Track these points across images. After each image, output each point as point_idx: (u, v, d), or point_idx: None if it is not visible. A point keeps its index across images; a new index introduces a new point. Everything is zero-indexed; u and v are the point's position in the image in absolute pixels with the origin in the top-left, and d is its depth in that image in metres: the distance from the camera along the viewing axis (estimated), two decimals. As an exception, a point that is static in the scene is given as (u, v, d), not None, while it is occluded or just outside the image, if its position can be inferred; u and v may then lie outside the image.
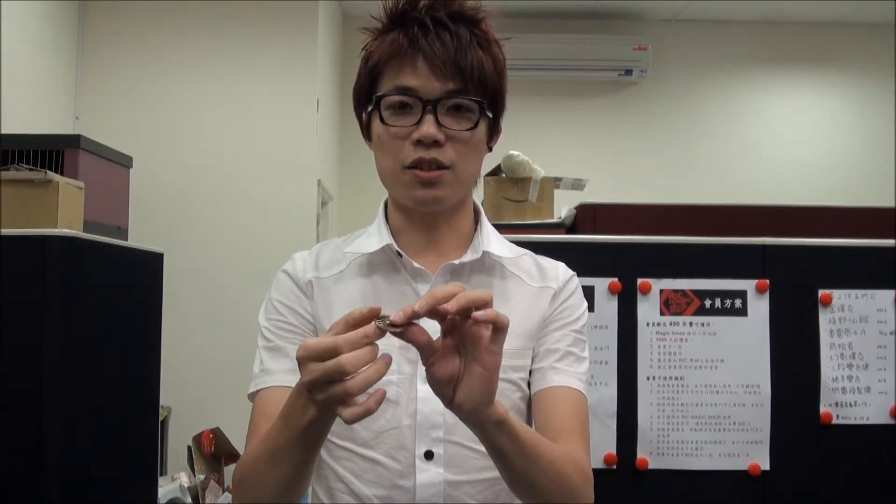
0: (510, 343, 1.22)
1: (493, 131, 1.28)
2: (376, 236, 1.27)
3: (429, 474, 1.19)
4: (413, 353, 1.20)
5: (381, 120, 1.21)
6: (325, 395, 0.97)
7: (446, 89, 1.17)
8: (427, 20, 1.18)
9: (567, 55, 5.35)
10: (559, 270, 1.34)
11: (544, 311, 1.29)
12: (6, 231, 2.00)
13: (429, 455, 1.20)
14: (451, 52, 1.17)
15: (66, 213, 2.25)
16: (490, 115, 1.23)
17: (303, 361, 0.98)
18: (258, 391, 1.25)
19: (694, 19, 5.55)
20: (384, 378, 1.18)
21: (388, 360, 0.97)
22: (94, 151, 2.98)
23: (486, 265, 1.28)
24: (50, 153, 2.77)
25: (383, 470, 1.20)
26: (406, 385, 1.21)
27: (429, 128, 1.17)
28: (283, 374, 1.22)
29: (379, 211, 1.32)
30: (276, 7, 4.36)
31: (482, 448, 1.20)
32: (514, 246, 1.35)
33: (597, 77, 5.50)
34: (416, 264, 1.24)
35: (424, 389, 1.19)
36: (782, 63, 5.64)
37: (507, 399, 1.23)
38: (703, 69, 5.65)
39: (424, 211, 1.25)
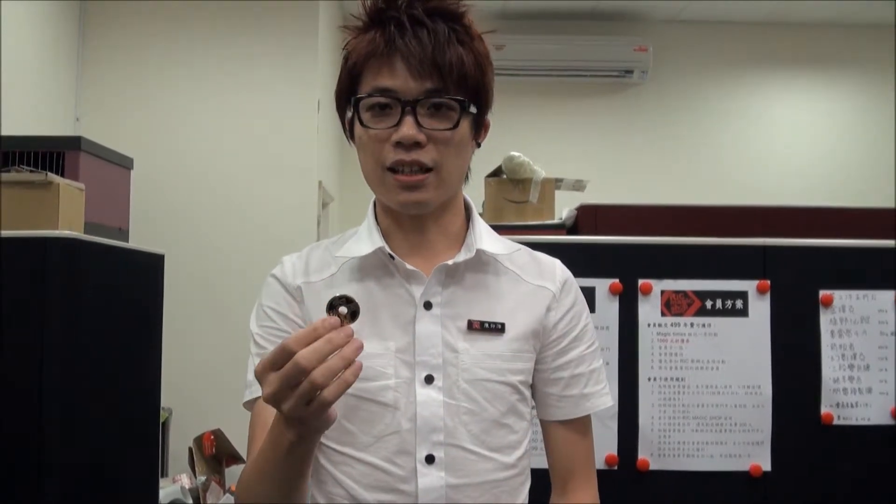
0: (507, 345, 1.23)
1: (480, 127, 1.25)
2: (367, 239, 1.26)
3: (430, 478, 1.19)
4: (411, 356, 1.20)
5: (361, 122, 1.20)
6: (294, 402, 0.97)
7: (424, 89, 1.15)
8: (404, 18, 1.16)
9: (567, 56, 5.35)
10: (556, 269, 1.32)
11: (541, 314, 1.27)
12: (7, 232, 1.99)
13: (430, 459, 1.19)
14: (427, 51, 1.15)
15: (66, 214, 2.25)
16: (474, 111, 1.20)
17: (260, 377, 0.98)
18: (253, 399, 1.25)
19: (694, 20, 5.55)
20: (383, 383, 1.19)
21: (357, 345, 0.98)
22: (94, 153, 2.98)
23: (481, 263, 1.27)
24: (51, 155, 2.77)
25: (383, 475, 1.19)
26: (405, 389, 1.20)
27: (408, 129, 1.15)
28: None
29: (368, 212, 1.31)
30: (276, 8, 4.36)
31: (483, 451, 1.21)
32: (508, 241, 1.33)
33: (597, 78, 5.50)
34: (409, 266, 1.23)
35: (424, 393, 1.20)
36: (783, 64, 5.64)
37: (503, 402, 1.23)
38: (703, 70, 5.65)
39: (410, 213, 1.24)
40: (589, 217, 2.37)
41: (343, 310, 1.01)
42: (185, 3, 4.34)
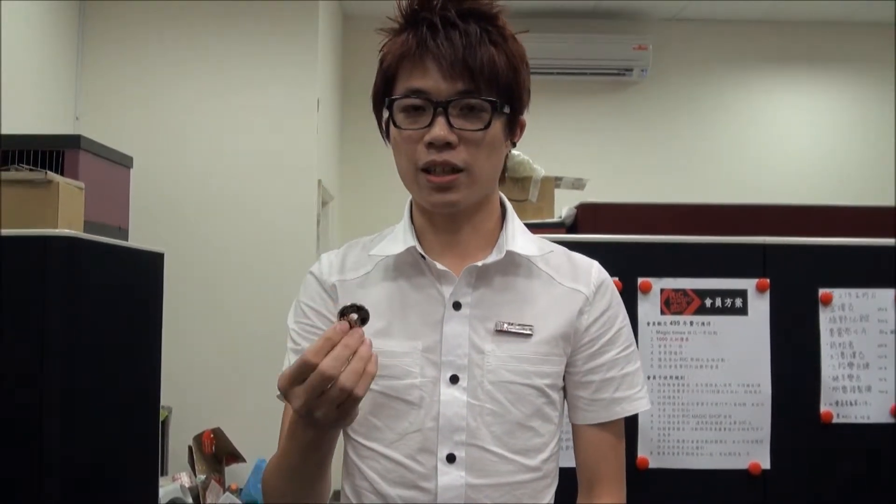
0: (535, 348, 1.24)
1: (514, 126, 1.26)
2: (401, 238, 1.27)
3: (450, 477, 1.20)
4: (437, 355, 1.22)
5: (395, 123, 1.20)
6: (325, 408, 1.00)
7: (456, 90, 1.16)
8: (436, 20, 1.17)
9: (567, 55, 5.35)
10: (592, 272, 1.32)
11: (572, 317, 1.27)
12: (7, 231, 2.00)
13: (451, 458, 1.21)
14: (459, 52, 1.15)
15: (66, 213, 2.25)
16: (507, 111, 1.21)
17: (286, 392, 1.02)
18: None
19: (694, 18, 5.55)
20: (409, 381, 1.21)
21: (369, 343, 1.02)
22: (94, 152, 2.98)
23: (512, 264, 1.27)
24: (50, 153, 2.77)
25: (406, 471, 1.21)
26: (429, 388, 1.21)
27: (439, 130, 1.16)
28: None
29: (405, 211, 1.32)
30: (276, 7, 4.36)
31: (504, 452, 1.22)
32: (543, 241, 1.33)
33: (597, 76, 5.50)
34: (440, 266, 1.23)
35: (448, 392, 1.21)
36: (782, 62, 5.64)
37: (529, 404, 1.23)
38: (703, 68, 5.65)
39: (443, 213, 1.24)
40: (588, 215, 2.37)
41: (353, 316, 1.04)
42: (184, 3, 4.34)
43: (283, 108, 4.35)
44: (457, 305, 1.23)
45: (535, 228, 2.42)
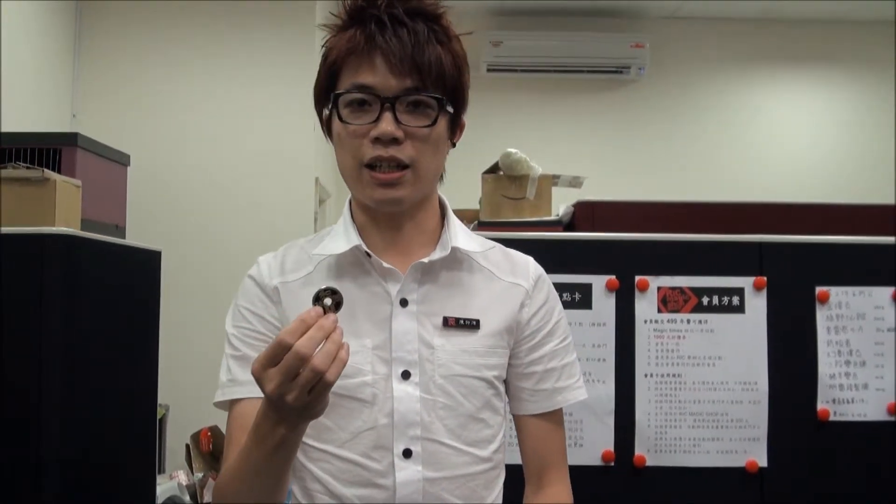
0: (481, 341, 1.26)
1: (456, 126, 1.27)
2: (343, 237, 1.27)
3: (408, 472, 1.21)
4: (387, 352, 1.22)
5: (340, 118, 1.21)
6: (297, 392, 0.98)
7: (404, 86, 1.17)
8: (384, 17, 1.18)
9: (565, 53, 5.35)
10: (529, 266, 1.35)
11: (514, 311, 1.30)
12: (4, 229, 1.99)
13: (407, 453, 1.21)
14: (408, 49, 1.16)
15: (63, 211, 2.25)
16: (451, 110, 1.22)
17: (259, 375, 1.00)
18: (227, 401, 1.26)
19: (692, 16, 5.55)
20: (360, 379, 1.21)
21: (341, 330, 1.00)
22: (91, 149, 2.98)
23: (456, 260, 1.28)
24: (47, 151, 2.76)
25: (362, 470, 1.21)
26: (382, 385, 1.22)
27: (387, 125, 1.16)
28: (252, 385, 1.16)
29: (344, 209, 1.32)
30: (273, 6, 4.35)
31: (459, 444, 1.23)
32: (482, 239, 1.36)
33: (594, 74, 5.49)
34: (385, 265, 1.24)
35: (401, 389, 1.21)
36: (781, 60, 5.64)
37: (478, 396, 1.25)
38: (701, 66, 5.65)
39: (386, 210, 1.25)
40: (586, 213, 2.37)
41: (328, 301, 1.04)
42: (181, 2, 4.33)
43: (280, 106, 4.34)
44: (404, 302, 1.24)
45: (532, 227, 2.43)
